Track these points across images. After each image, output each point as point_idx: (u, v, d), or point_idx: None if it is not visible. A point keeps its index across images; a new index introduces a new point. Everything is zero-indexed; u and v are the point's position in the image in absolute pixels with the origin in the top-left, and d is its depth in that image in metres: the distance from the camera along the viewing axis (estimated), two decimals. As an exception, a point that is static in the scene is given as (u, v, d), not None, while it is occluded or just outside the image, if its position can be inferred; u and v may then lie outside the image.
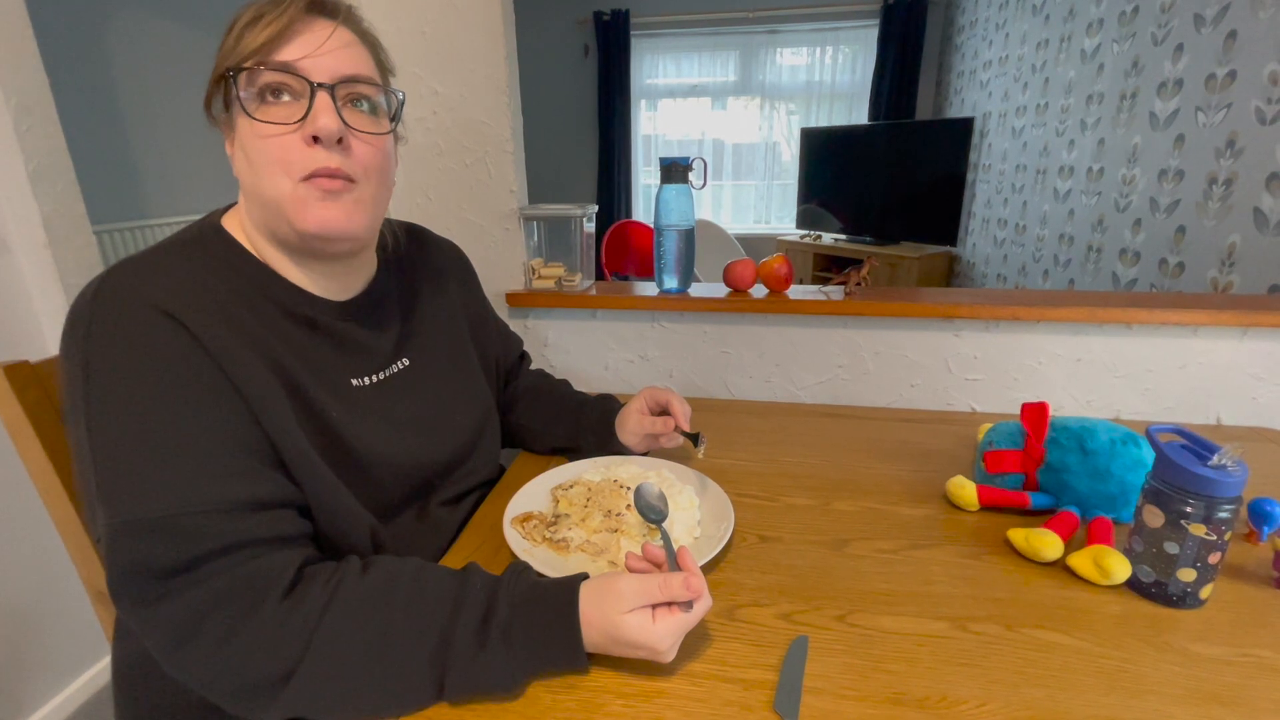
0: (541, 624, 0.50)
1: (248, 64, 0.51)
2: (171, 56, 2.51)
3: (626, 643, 0.48)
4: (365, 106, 0.56)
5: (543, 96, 4.37)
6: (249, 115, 0.52)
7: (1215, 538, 0.56)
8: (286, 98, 0.52)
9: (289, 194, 0.53)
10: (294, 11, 0.52)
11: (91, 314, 0.48)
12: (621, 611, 0.48)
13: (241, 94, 0.52)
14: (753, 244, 4.20)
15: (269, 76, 0.52)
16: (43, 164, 1.15)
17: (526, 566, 0.56)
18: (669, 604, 0.50)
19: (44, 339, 1.21)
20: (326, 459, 0.57)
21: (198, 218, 0.61)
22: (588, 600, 0.50)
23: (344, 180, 0.54)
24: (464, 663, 0.48)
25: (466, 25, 1.12)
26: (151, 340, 0.48)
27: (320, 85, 0.52)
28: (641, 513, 0.64)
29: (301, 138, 0.52)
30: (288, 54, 0.52)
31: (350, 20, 0.56)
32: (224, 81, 0.53)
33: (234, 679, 0.46)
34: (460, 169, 1.20)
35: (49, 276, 1.18)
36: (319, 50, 0.52)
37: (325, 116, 0.52)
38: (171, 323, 0.49)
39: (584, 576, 0.53)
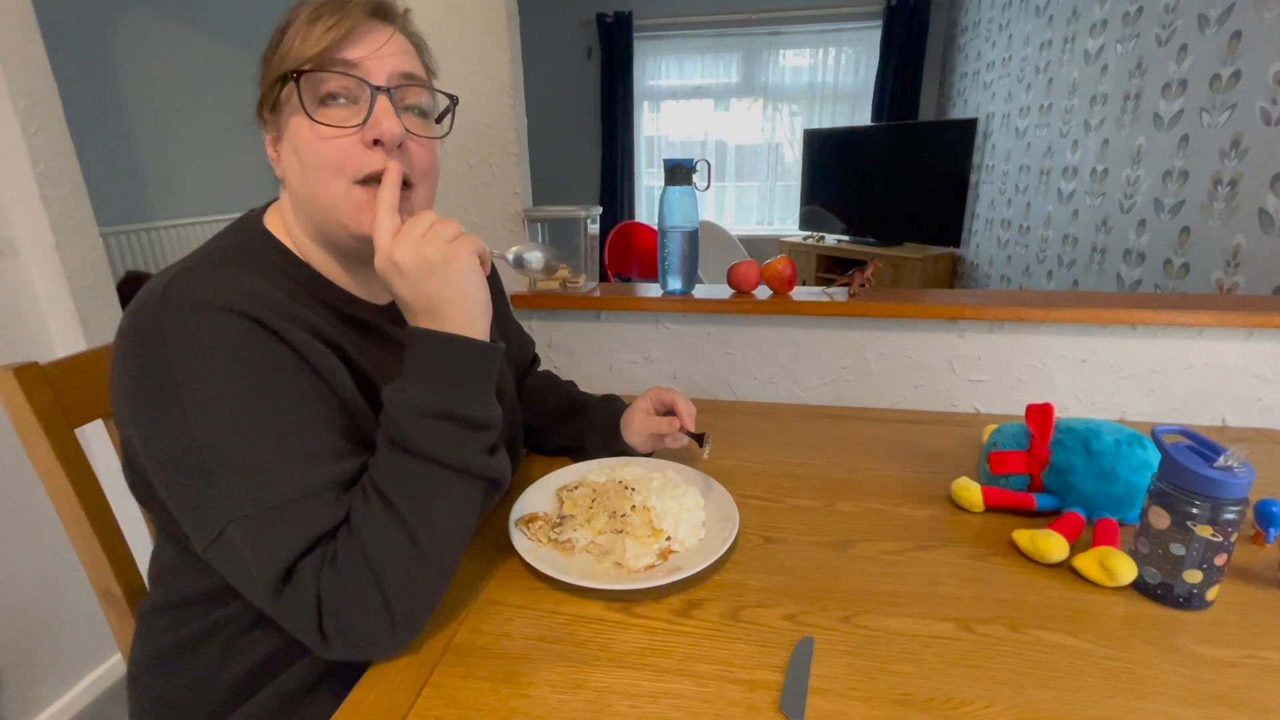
0: (424, 356, 0.53)
1: (308, 66, 0.51)
2: (178, 59, 2.53)
3: (401, 274, 0.51)
4: (417, 111, 0.57)
5: (546, 98, 4.37)
6: (309, 116, 0.52)
7: (1222, 539, 0.56)
8: (344, 100, 0.53)
9: (344, 197, 0.53)
10: (357, 16, 0.52)
11: (163, 325, 0.47)
12: (388, 263, 0.51)
13: (301, 95, 0.52)
14: (755, 245, 4.20)
15: (330, 79, 0.52)
16: (50, 166, 1.16)
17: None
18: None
19: (51, 340, 1.22)
20: None
21: (204, 219, 0.62)
22: (407, 318, 0.54)
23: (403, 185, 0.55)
24: (432, 415, 0.52)
25: (470, 28, 1.12)
26: (236, 339, 0.48)
27: (380, 89, 0.53)
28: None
29: (361, 140, 0.53)
30: (350, 56, 0.52)
31: (405, 26, 0.57)
32: (280, 82, 0.53)
33: (356, 624, 0.49)
34: (465, 171, 1.21)
35: (56, 278, 1.18)
36: (378, 53, 0.53)
37: (388, 120, 0.52)
38: (248, 321, 0.49)
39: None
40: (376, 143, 0.53)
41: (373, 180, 0.54)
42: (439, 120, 0.60)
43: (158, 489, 0.51)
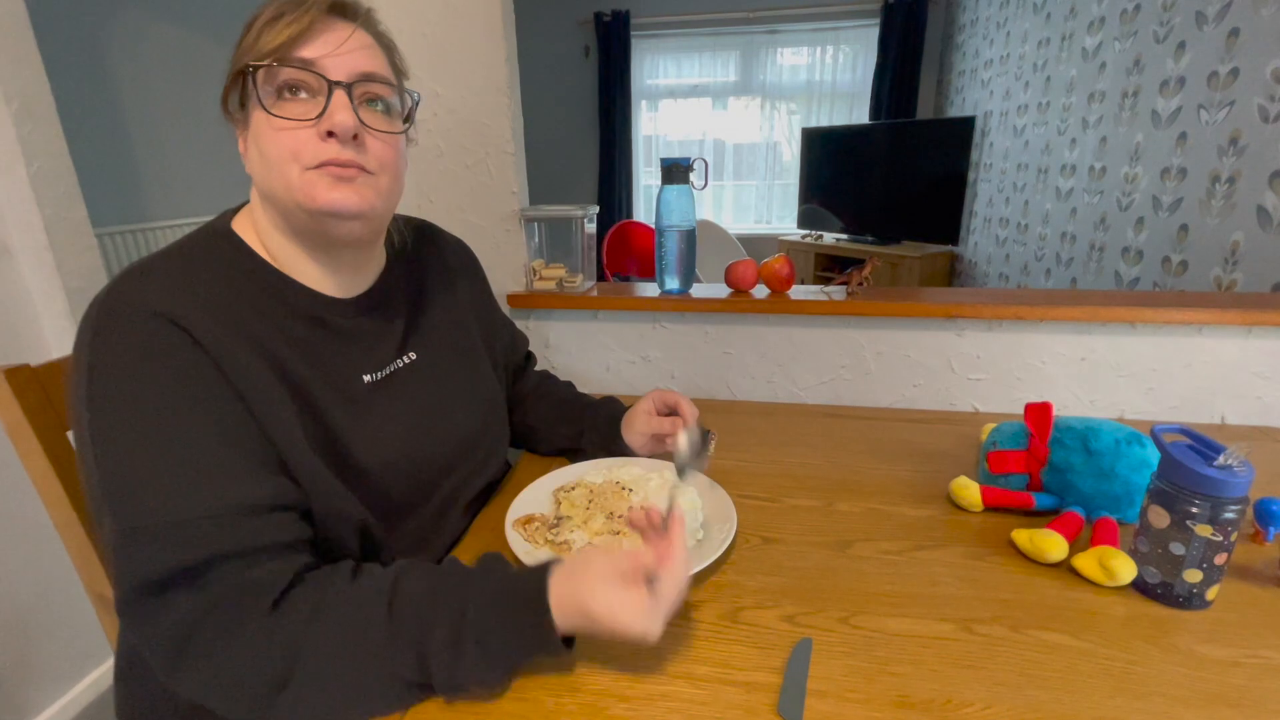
0: (512, 622, 0.49)
1: (267, 61, 0.52)
2: (173, 59, 2.52)
3: (595, 620, 0.47)
4: (380, 107, 0.57)
5: (543, 97, 4.37)
6: (266, 110, 0.52)
7: (1221, 538, 0.55)
8: (304, 95, 0.53)
9: (297, 179, 0.53)
10: (315, 12, 0.53)
11: (97, 321, 0.49)
12: (591, 589, 0.48)
13: (259, 90, 0.52)
14: (754, 244, 4.20)
15: (288, 73, 0.52)
16: (44, 167, 1.15)
17: (498, 558, 0.55)
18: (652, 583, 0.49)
19: (45, 342, 1.21)
20: (328, 462, 0.57)
21: (199, 220, 0.62)
22: (560, 583, 0.49)
23: (358, 169, 0.55)
24: (444, 674, 0.48)
25: (467, 27, 1.12)
26: (153, 345, 0.48)
27: (337, 84, 0.53)
28: (676, 459, 0.62)
29: (316, 133, 0.53)
30: (308, 52, 0.53)
31: (369, 23, 0.57)
32: (242, 77, 0.54)
33: (227, 691, 0.46)
34: (461, 170, 1.20)
35: (50, 280, 1.18)
36: (337, 50, 0.53)
37: (342, 113, 0.52)
38: (173, 328, 0.49)
39: (558, 560, 0.52)
40: (331, 135, 0.53)
41: (327, 165, 0.53)
42: (406, 120, 0.60)
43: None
